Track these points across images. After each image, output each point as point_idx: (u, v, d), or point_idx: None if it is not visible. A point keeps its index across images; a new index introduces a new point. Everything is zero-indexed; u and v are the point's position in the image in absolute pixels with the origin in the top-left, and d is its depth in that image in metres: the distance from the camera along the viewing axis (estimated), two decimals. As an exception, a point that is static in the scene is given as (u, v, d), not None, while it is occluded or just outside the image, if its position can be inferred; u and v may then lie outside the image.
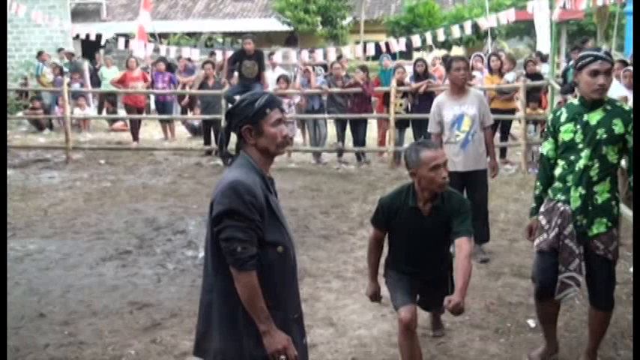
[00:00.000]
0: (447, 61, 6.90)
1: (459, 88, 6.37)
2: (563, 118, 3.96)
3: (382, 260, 4.34)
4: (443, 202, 3.85)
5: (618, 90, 8.09)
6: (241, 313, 2.73)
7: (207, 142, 13.14)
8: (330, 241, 7.26)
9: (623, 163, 6.67)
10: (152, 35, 21.32)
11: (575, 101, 4.02)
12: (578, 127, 3.88)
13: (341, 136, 12.10)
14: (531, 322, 4.93)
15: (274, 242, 2.80)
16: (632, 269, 6.19)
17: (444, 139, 6.39)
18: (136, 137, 14.18)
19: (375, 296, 4.28)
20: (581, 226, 3.89)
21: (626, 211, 6.86)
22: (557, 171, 3.99)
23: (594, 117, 3.85)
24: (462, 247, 3.74)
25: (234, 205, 2.66)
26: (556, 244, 3.96)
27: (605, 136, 3.81)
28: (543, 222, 4.07)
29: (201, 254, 6.80)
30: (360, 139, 12.05)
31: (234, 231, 2.65)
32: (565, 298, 4.02)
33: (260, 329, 2.72)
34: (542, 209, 4.10)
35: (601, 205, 3.89)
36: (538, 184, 4.20)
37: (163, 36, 24.15)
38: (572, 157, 3.89)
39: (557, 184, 3.99)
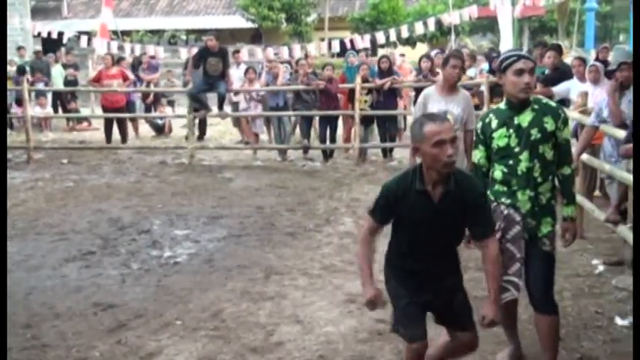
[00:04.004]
0: (444, 57, 6.87)
1: (450, 86, 6.29)
2: (494, 125, 3.94)
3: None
4: (456, 187, 3.35)
5: (578, 86, 8.20)
6: None
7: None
8: (296, 238, 7.25)
9: (585, 157, 6.80)
10: (115, 33, 21.11)
11: (502, 106, 4.01)
12: (511, 131, 3.86)
13: (306, 134, 12.10)
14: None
15: None
16: (594, 261, 6.29)
17: None
18: (124, 139, 13.72)
19: (375, 302, 3.49)
20: (531, 228, 3.90)
21: (588, 205, 6.98)
22: (497, 175, 3.94)
23: (525, 118, 3.85)
24: (489, 247, 3.45)
25: None
26: None
27: (539, 135, 3.81)
28: None
29: (167, 254, 6.76)
30: (330, 137, 12.04)
31: None
32: (502, 301, 4.00)
33: None
34: None
35: (545, 205, 3.91)
36: None
37: (126, 34, 23.92)
38: (512, 162, 3.87)
39: (499, 187, 3.95)
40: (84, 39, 20.60)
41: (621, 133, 5.73)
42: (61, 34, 21.10)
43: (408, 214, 3.40)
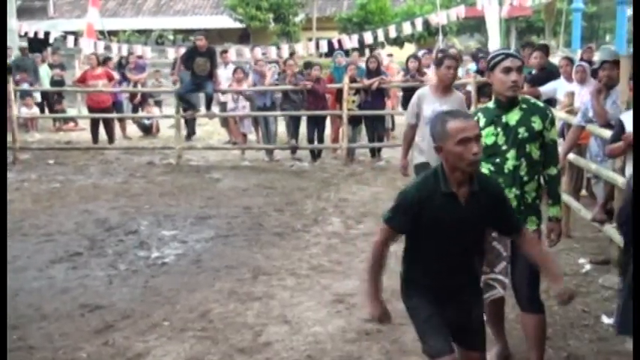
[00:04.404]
0: (437, 57, 6.80)
1: (445, 87, 6.20)
2: (482, 123, 3.94)
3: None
4: (480, 188, 3.17)
5: (564, 86, 8.25)
6: None
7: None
8: (284, 238, 7.25)
9: (571, 156, 6.84)
10: (101, 33, 21.02)
11: (491, 104, 4.03)
12: (499, 129, 3.88)
13: (294, 134, 12.09)
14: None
15: None
16: (581, 260, 6.32)
17: (418, 132, 6.25)
18: (111, 139, 13.66)
19: (384, 317, 3.31)
20: None
21: (574, 204, 7.02)
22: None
23: (513, 117, 3.88)
24: (525, 233, 3.39)
25: None
26: (484, 246, 3.87)
27: (526, 134, 3.85)
28: None
29: (154, 254, 6.73)
30: (318, 137, 12.04)
31: None
32: (489, 299, 4.01)
33: None
34: None
35: (530, 204, 3.93)
36: None
37: (113, 34, 23.82)
38: (498, 160, 3.89)
39: None
40: (70, 39, 20.49)
41: (607, 133, 5.77)
42: (47, 34, 21.00)
43: (433, 218, 3.13)
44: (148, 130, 15.25)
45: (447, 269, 3.23)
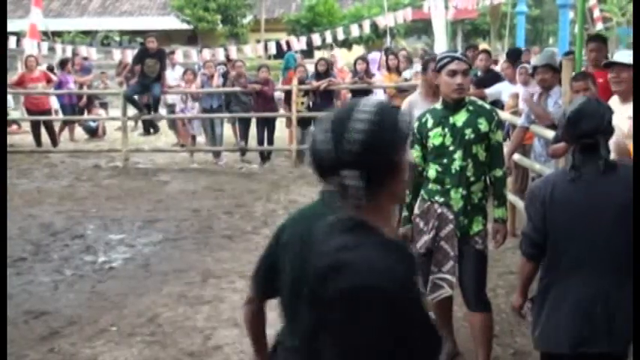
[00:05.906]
0: (422, 61, 6.66)
1: (434, 91, 5.66)
2: (429, 124, 4.01)
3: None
4: None
5: (509, 88, 8.40)
6: None
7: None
8: (234, 241, 7.22)
9: (516, 157, 6.97)
10: (45, 34, 20.60)
11: (439, 106, 4.09)
12: (446, 130, 3.95)
13: (244, 136, 12.03)
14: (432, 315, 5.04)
15: None
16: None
17: None
18: (54, 142, 13.26)
19: None
20: (463, 227, 3.97)
21: (520, 203, 7.14)
22: (431, 174, 4.01)
23: (460, 118, 3.95)
24: None
25: None
26: (432, 246, 3.99)
27: (472, 135, 3.92)
28: (421, 224, 4.07)
29: (101, 259, 6.63)
30: (268, 139, 12.00)
31: None
32: (437, 298, 4.06)
33: None
34: (417, 211, 4.11)
35: (477, 205, 4.01)
36: (407, 191, 4.25)
37: (57, 34, 23.36)
38: (446, 160, 3.94)
39: (432, 186, 4.01)
40: (12, 40, 19.99)
41: (550, 134, 5.89)
42: (-12, 34, 20.45)
43: None
44: (93, 132, 15.01)
45: None
